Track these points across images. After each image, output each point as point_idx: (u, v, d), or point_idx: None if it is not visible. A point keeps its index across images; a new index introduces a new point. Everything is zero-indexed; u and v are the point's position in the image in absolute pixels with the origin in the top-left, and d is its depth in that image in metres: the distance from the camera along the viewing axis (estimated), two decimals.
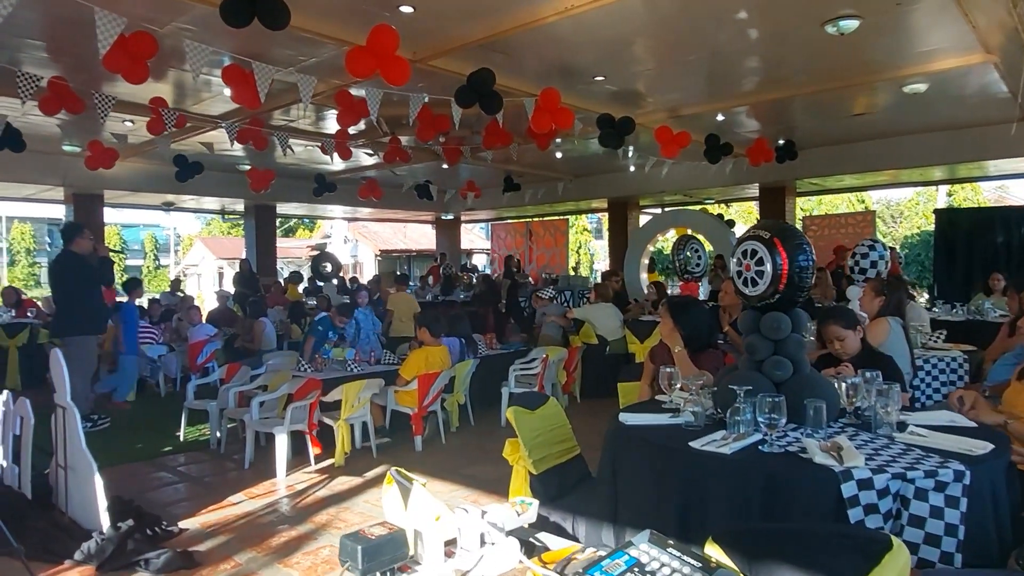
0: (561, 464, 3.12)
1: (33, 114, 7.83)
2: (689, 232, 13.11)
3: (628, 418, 2.79)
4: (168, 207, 15.43)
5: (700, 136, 8.93)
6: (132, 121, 8.48)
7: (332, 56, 6.30)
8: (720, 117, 8.92)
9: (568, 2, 5.12)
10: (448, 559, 1.33)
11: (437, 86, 6.61)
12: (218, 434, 5.72)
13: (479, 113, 7.69)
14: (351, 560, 1.18)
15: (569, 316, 8.01)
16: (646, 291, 11.54)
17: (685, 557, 1.09)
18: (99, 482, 3.63)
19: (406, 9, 5.38)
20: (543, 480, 2.98)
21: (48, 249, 32.50)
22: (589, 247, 24.49)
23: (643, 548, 1.12)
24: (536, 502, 1.51)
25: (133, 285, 8.97)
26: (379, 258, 26.80)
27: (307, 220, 31.15)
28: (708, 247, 12.76)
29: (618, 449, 2.67)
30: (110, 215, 13.11)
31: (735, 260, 2.84)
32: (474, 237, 28.54)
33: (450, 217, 18.59)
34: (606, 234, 21.71)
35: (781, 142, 10.24)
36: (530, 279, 15.06)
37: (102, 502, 3.61)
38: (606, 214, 16.66)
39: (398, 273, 17.31)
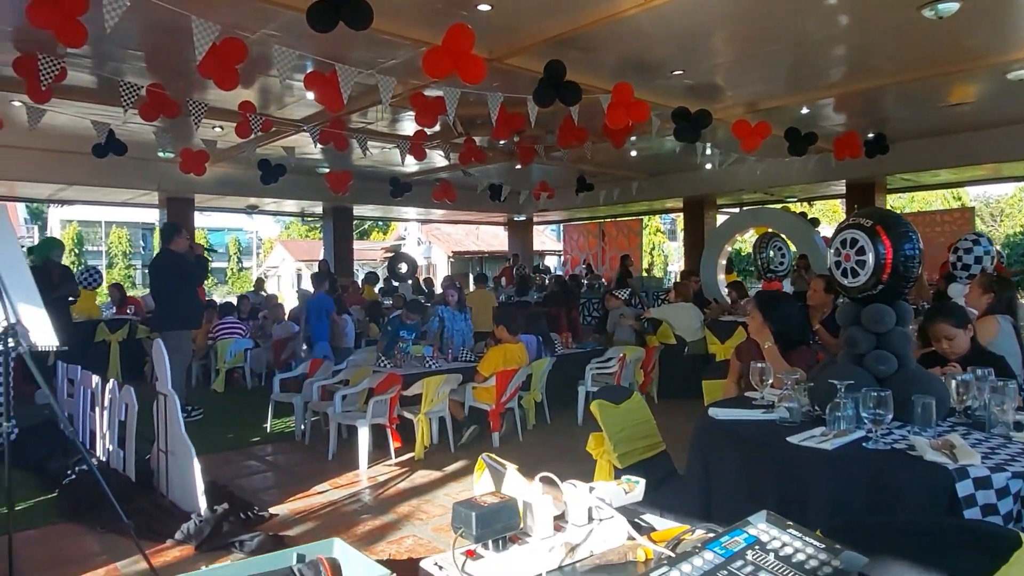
0: (647, 460, 3.06)
1: (132, 122, 8.33)
2: (771, 230, 12.67)
3: (719, 413, 2.70)
4: (252, 210, 16.11)
5: (781, 131, 8.63)
6: (221, 127, 8.89)
7: (409, 57, 6.42)
8: (805, 110, 8.59)
9: None
10: (557, 532, 1.31)
11: (512, 85, 6.64)
12: (303, 426, 5.91)
13: (553, 111, 7.69)
14: (465, 527, 1.18)
15: (646, 316, 7.87)
16: (724, 292, 11.23)
17: (808, 538, 1.03)
18: (197, 466, 3.81)
19: (484, 7, 5.42)
20: (628, 475, 2.92)
21: (142, 252, 34.58)
22: (663, 248, 24.06)
23: (761, 527, 1.07)
24: (643, 481, 1.48)
25: (320, 279, 8.84)
26: (452, 259, 27.18)
27: (381, 223, 31.92)
28: (791, 247, 12.31)
29: (708, 444, 2.59)
30: (198, 220, 13.79)
31: (833, 250, 2.71)
32: (545, 239, 28.57)
33: (522, 218, 18.65)
34: (680, 235, 21.28)
35: (871, 135, 9.76)
36: (603, 280, 14.93)
37: (200, 485, 3.78)
38: (681, 214, 16.34)
39: (477, 272, 17.48)
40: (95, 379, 5.12)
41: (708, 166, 12.14)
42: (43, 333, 3.01)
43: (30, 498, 4.34)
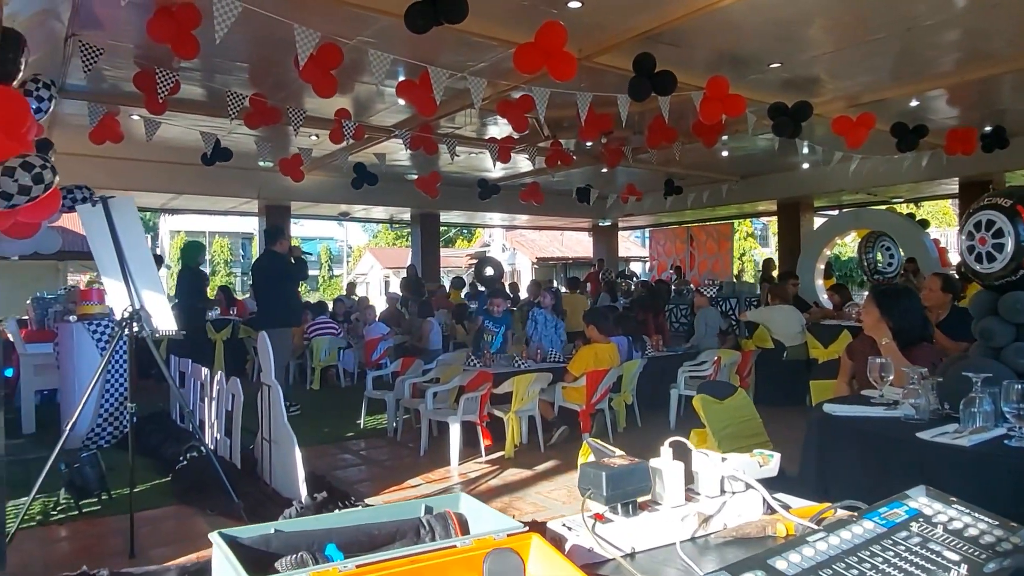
0: None
1: (236, 132, 8.82)
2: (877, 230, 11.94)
3: (835, 409, 2.54)
4: (343, 217, 16.69)
5: (887, 126, 8.14)
6: (316, 135, 9.27)
7: (498, 59, 6.48)
8: (913, 103, 8.08)
9: None
10: (688, 502, 1.24)
11: (600, 83, 6.57)
12: (394, 423, 6.02)
13: (641, 111, 7.56)
14: (594, 487, 1.13)
15: (743, 318, 7.56)
16: (825, 298, 10.69)
17: (978, 513, 0.92)
18: (299, 455, 3.93)
19: (574, 4, 5.40)
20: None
21: (241, 260, 36.46)
22: (753, 254, 23.19)
23: (923, 500, 0.97)
24: (778, 454, 1.38)
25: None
26: (536, 266, 27.23)
27: (466, 231, 32.38)
28: (900, 249, 11.58)
29: (825, 441, 2.43)
30: (292, 229, 14.44)
31: (965, 234, 2.50)
32: (630, 244, 28.17)
33: (607, 223, 18.46)
34: (772, 240, 20.48)
35: (988, 128, 9.06)
36: (691, 285, 14.53)
37: (301, 473, 3.90)
38: (774, 218, 15.71)
39: (571, 276, 17.44)
40: (204, 371, 5.40)
41: (805, 165, 11.63)
42: (164, 319, 3.19)
43: (148, 481, 4.61)
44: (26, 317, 7.87)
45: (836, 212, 14.73)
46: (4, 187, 3.06)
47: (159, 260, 6.89)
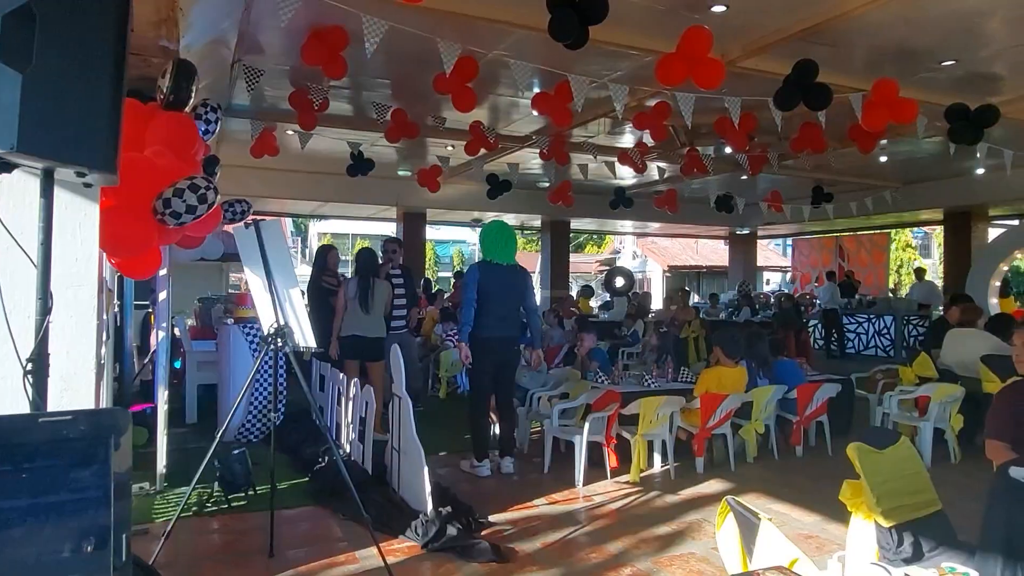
0: (918, 519, 2.57)
1: (377, 144, 9.25)
2: None
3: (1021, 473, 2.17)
4: (476, 223, 17.07)
5: None
6: (452, 146, 9.51)
7: (635, 68, 6.30)
8: None
9: None
10: None
11: (745, 89, 6.20)
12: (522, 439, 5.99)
13: (789, 114, 7.06)
14: None
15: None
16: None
17: None
18: (426, 470, 3.99)
19: (718, 8, 5.13)
20: (895, 535, 2.47)
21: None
22: (912, 265, 21.04)
23: None
24: (975, 573, 1.16)
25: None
26: (668, 274, 26.50)
27: (596, 236, 32.15)
28: None
29: (1016, 512, 2.08)
30: (428, 233, 14.98)
31: None
32: (769, 253, 26.70)
33: (746, 232, 17.57)
34: (935, 251, 18.64)
35: None
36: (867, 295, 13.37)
37: (427, 487, 3.95)
38: (939, 227, 14.23)
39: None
40: (341, 376, 5.66)
41: (980, 170, 10.40)
42: (305, 335, 3.34)
43: (288, 479, 4.88)
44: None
45: (1016, 222, 13.08)
46: (174, 207, 3.32)
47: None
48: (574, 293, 15.83)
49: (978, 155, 8.97)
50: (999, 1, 5.03)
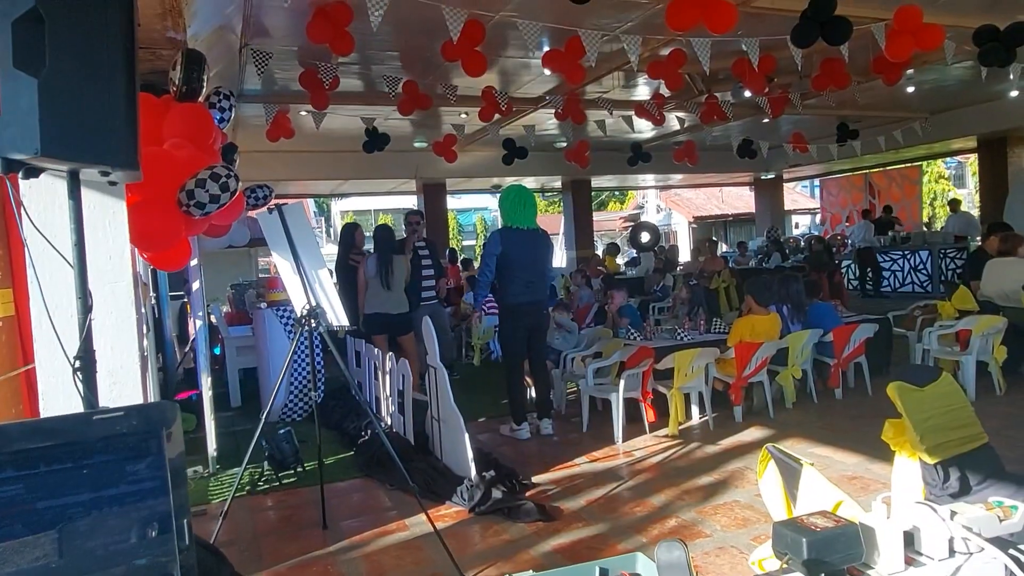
0: (964, 454, 2.54)
1: (392, 118, 9.20)
2: None
3: None
4: (496, 189, 16.99)
5: None
6: (466, 113, 9.42)
7: (645, 17, 6.14)
8: None
9: None
10: (908, 567, 1.07)
11: (761, 30, 6.01)
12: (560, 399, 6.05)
13: (809, 52, 6.83)
14: (791, 552, 1.00)
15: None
16: None
17: None
18: (467, 436, 4.05)
19: None
20: (940, 471, 2.45)
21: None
22: (947, 197, 20.39)
23: None
24: (1022, 507, 1.15)
25: None
26: (693, 225, 26.16)
27: (618, 193, 31.80)
28: None
29: None
30: (449, 202, 14.98)
31: None
32: (797, 196, 26.16)
33: (771, 176, 17.20)
34: (970, 181, 18.11)
35: None
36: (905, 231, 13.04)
37: (470, 453, 4.02)
38: (974, 155, 13.77)
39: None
40: (377, 351, 5.74)
41: (1014, 93, 9.99)
42: (337, 314, 3.39)
43: (334, 454, 5.00)
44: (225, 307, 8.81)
45: None
46: (198, 198, 3.36)
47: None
48: (600, 252, 15.75)
49: (1011, 76, 8.61)
50: None
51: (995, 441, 2.68)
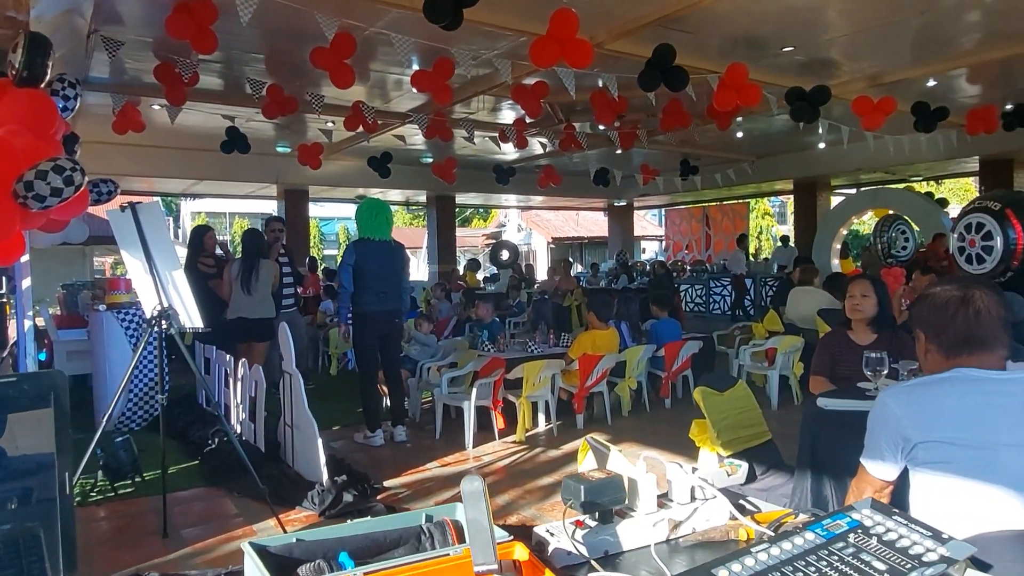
0: (752, 448, 3.03)
1: (254, 120, 8.97)
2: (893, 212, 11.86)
3: (828, 403, 2.64)
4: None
5: (906, 105, 8.07)
6: (333, 122, 9.38)
7: (511, 47, 6.53)
8: (931, 83, 8.00)
9: None
10: (660, 509, 1.37)
11: (615, 70, 6.60)
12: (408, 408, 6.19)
13: (656, 94, 7.57)
14: (573, 498, 1.26)
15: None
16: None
17: (913, 525, 1.03)
18: (320, 441, 4.11)
19: None
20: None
21: None
22: (772, 232, 22.99)
23: (865, 512, 1.08)
24: (745, 464, 1.51)
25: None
26: (552, 246, 27.29)
27: (482, 210, 32.46)
28: (916, 229, 11.49)
29: (819, 435, 2.54)
30: (311, 210, 14.64)
31: (956, 235, 2.58)
32: (646, 224, 28.09)
33: (623, 203, 18.46)
34: (791, 218, 20.34)
35: (1009, 107, 8.93)
36: (707, 264, 14.44)
37: (322, 458, 4.09)
38: (791, 196, 15.63)
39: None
40: (228, 358, 5.60)
41: (822, 145, 11.54)
42: (191, 316, 3.36)
43: (178, 463, 4.83)
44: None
45: (854, 191, 14.62)
46: (38, 190, 3.21)
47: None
48: (461, 267, 16.08)
49: (820, 131, 9.98)
50: None
51: (789, 441, 3.19)
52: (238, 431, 5.25)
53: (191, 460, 4.94)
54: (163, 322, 3.18)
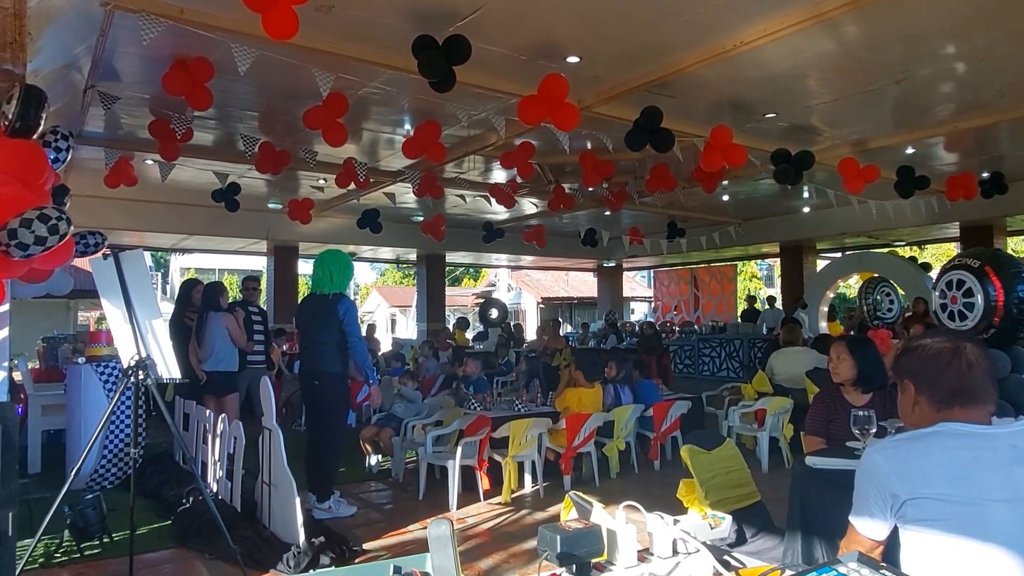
0: (740, 509, 2.95)
1: (246, 176, 9.06)
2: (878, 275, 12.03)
3: (818, 462, 2.59)
4: (351, 257, 16.91)
5: (888, 172, 8.28)
6: (325, 179, 9.50)
7: (502, 109, 6.69)
8: (910, 150, 8.24)
9: (739, 38, 5.05)
10: (641, 563, 1.31)
11: (603, 132, 6.77)
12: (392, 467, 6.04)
13: (643, 157, 7.75)
14: (549, 549, 1.21)
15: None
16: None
17: None
18: (298, 501, 3.98)
19: (572, 59, 5.61)
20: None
21: None
22: (759, 295, 23.23)
23: (852, 566, 1.04)
24: (729, 517, 1.45)
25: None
26: (541, 306, 27.33)
27: (472, 270, 32.62)
28: (900, 292, 11.63)
29: (809, 493, 2.48)
30: (300, 267, 14.63)
31: (938, 293, 2.59)
32: (635, 285, 28.26)
33: (612, 264, 18.61)
34: (778, 281, 20.54)
35: (986, 174, 9.19)
36: (695, 325, 14.51)
37: (299, 518, 3.94)
38: (778, 259, 15.82)
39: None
40: (208, 413, 5.48)
41: (806, 209, 11.76)
42: (169, 366, 3.29)
43: (149, 523, 4.65)
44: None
45: (839, 254, 14.83)
46: (21, 238, 3.18)
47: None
48: (450, 326, 16.03)
49: (804, 195, 10.19)
50: (810, 65, 5.87)
51: (775, 502, 3.13)
52: (214, 489, 5.09)
53: (163, 520, 4.76)
54: (140, 372, 3.11)
